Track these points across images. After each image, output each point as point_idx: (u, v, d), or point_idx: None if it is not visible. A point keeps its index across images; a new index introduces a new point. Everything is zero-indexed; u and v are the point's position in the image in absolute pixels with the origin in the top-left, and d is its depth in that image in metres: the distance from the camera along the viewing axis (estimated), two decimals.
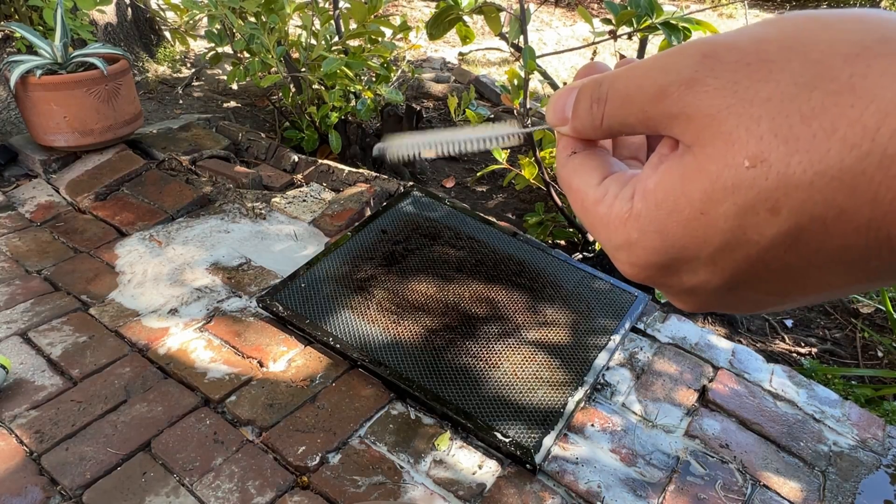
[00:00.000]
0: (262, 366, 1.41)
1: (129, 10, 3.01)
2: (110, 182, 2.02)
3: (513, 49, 1.89)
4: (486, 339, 1.47)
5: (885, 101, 0.17)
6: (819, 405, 1.44)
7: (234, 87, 3.08)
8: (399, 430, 1.29)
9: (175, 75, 3.14)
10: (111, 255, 1.74)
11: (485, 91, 3.34)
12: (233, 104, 2.92)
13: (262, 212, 1.97)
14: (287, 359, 1.43)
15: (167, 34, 3.23)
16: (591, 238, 2.06)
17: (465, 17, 1.76)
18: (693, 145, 0.21)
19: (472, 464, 1.23)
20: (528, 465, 1.22)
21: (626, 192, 0.24)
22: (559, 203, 2.01)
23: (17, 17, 2.26)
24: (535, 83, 3.45)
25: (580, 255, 2.04)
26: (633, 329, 1.60)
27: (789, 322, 1.98)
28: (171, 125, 2.39)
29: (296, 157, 2.27)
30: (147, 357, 1.41)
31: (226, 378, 1.36)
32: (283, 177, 2.19)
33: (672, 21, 1.56)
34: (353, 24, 2.27)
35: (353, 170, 2.16)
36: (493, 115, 2.68)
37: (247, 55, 2.38)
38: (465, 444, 1.27)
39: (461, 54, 4.08)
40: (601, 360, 1.45)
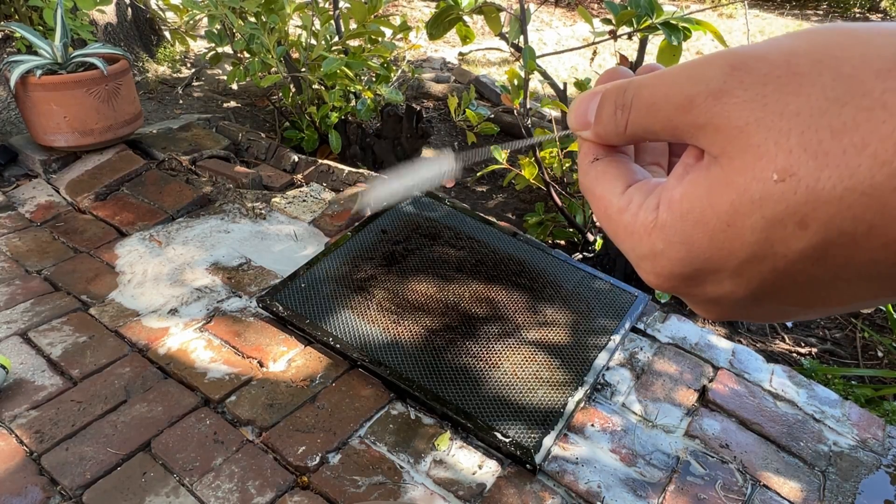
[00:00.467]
0: (262, 366, 1.41)
1: (129, 10, 3.01)
2: (110, 182, 2.02)
3: (513, 49, 1.89)
4: (486, 339, 1.47)
5: None
6: (819, 405, 1.44)
7: (234, 87, 3.08)
8: (399, 430, 1.29)
9: (175, 75, 3.15)
10: (111, 255, 1.74)
11: (485, 91, 3.34)
12: (233, 104, 2.92)
13: (262, 212, 1.97)
14: (287, 359, 1.43)
15: (167, 34, 3.23)
16: (590, 238, 2.06)
17: (465, 17, 1.76)
18: (720, 157, 0.21)
19: (472, 464, 1.23)
20: (528, 465, 1.22)
21: (650, 202, 0.24)
22: (559, 203, 2.01)
23: (17, 17, 2.26)
24: (535, 83, 3.45)
25: (580, 255, 2.04)
26: (633, 329, 1.60)
27: (789, 322, 1.98)
28: (171, 125, 2.39)
29: (296, 157, 2.27)
30: (147, 357, 1.41)
31: (226, 378, 1.36)
32: (283, 177, 2.19)
33: (672, 21, 1.56)
34: (353, 24, 2.27)
35: (353, 170, 2.16)
36: (492, 115, 2.68)
37: (247, 55, 2.38)
38: (465, 444, 1.27)
39: (461, 54, 4.08)
40: (601, 360, 1.45)
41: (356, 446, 1.24)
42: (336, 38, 2.42)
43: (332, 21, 2.43)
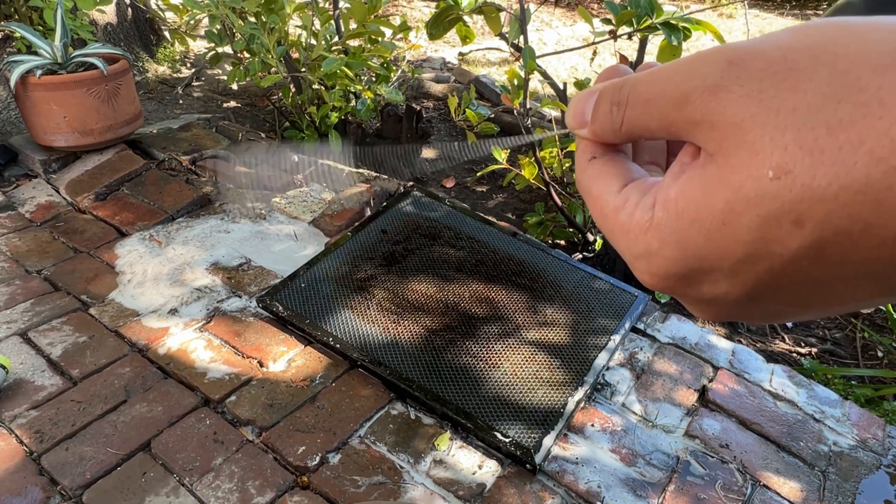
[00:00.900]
0: (262, 366, 1.41)
1: (129, 10, 3.01)
2: (110, 182, 2.02)
3: (513, 49, 1.89)
4: (486, 339, 1.47)
5: None
6: (819, 405, 1.44)
7: (234, 87, 3.08)
8: (399, 430, 1.29)
9: (175, 75, 3.15)
10: (111, 255, 1.74)
11: (485, 91, 3.34)
12: (233, 104, 2.92)
13: (262, 212, 1.97)
14: (287, 359, 1.43)
15: (167, 34, 3.23)
16: (590, 238, 2.06)
17: (465, 17, 1.76)
18: (716, 154, 0.21)
19: (472, 464, 1.23)
20: (528, 465, 1.22)
21: (646, 201, 0.24)
22: (559, 203, 2.01)
23: (17, 17, 2.26)
24: (535, 83, 3.45)
25: (580, 255, 2.05)
26: (633, 329, 1.60)
27: (789, 323, 1.97)
28: (171, 125, 2.39)
29: (296, 157, 2.26)
30: (147, 357, 1.41)
31: (226, 378, 1.36)
32: (283, 177, 2.19)
33: (672, 21, 1.56)
34: (353, 24, 2.27)
35: (353, 170, 2.16)
36: (492, 115, 2.68)
37: (247, 55, 2.38)
38: (465, 444, 1.27)
39: (461, 54, 4.08)
40: (601, 360, 1.45)
41: (356, 446, 1.24)
42: (336, 38, 2.42)
43: (332, 21, 2.43)
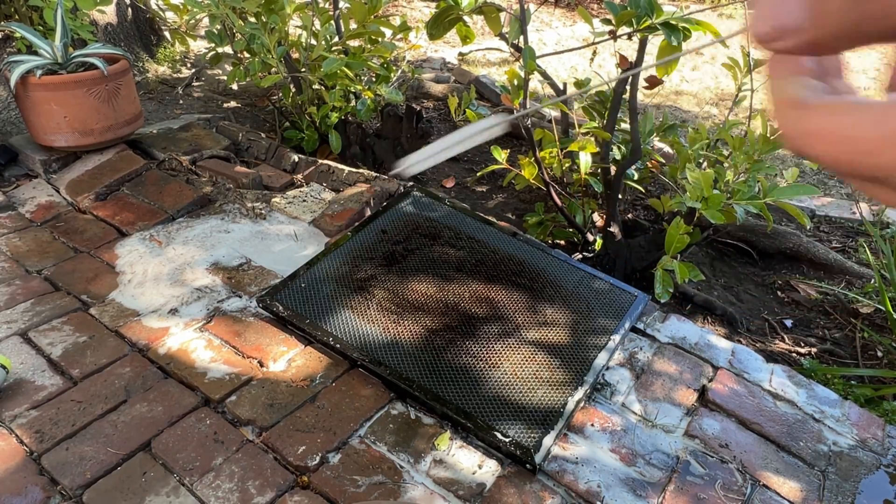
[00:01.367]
0: (262, 366, 1.41)
1: (129, 10, 3.01)
2: (110, 182, 2.02)
3: (513, 49, 1.89)
4: (486, 339, 1.47)
5: None
6: (819, 405, 1.44)
7: (234, 87, 3.08)
8: (399, 429, 1.29)
9: (175, 75, 3.15)
10: (111, 255, 1.75)
11: (485, 91, 3.34)
12: (233, 104, 2.93)
13: (262, 212, 1.97)
14: (287, 359, 1.43)
15: (167, 34, 3.23)
16: (590, 238, 2.06)
17: (465, 18, 1.76)
18: None
19: (471, 463, 1.24)
20: (527, 465, 1.22)
21: None
22: (559, 203, 2.01)
23: (17, 17, 2.26)
24: (535, 83, 3.45)
25: (580, 255, 2.05)
26: (633, 329, 1.60)
27: (789, 322, 1.98)
28: (171, 125, 2.39)
29: (296, 157, 2.27)
30: (147, 357, 1.41)
31: (226, 378, 1.37)
32: (283, 177, 2.19)
33: (672, 21, 1.56)
34: (353, 24, 2.27)
35: (353, 170, 2.16)
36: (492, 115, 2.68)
37: (247, 55, 2.38)
38: (464, 443, 1.27)
39: (461, 54, 4.08)
40: (601, 359, 1.45)
41: (356, 446, 1.25)
42: (336, 39, 2.43)
43: (332, 21, 2.43)
